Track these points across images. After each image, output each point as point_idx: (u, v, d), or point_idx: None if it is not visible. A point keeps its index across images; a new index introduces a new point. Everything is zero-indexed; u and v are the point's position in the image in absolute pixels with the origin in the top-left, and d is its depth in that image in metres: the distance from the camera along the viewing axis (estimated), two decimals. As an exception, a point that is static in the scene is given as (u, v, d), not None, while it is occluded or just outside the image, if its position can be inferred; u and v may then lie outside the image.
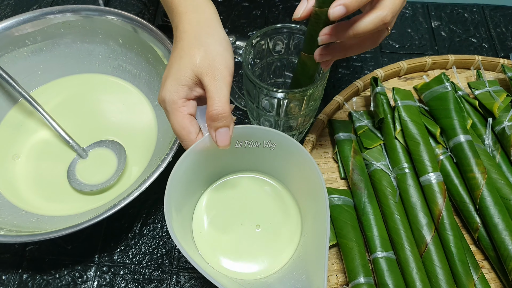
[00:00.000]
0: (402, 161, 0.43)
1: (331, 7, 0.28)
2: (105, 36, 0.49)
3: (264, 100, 0.39)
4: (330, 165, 0.46)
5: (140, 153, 0.46)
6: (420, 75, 0.52)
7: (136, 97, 0.50)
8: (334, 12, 0.28)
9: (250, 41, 0.40)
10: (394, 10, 0.29)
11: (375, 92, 0.46)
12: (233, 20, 0.59)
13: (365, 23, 0.29)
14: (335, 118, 0.49)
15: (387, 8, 0.29)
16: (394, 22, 0.32)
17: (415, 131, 0.43)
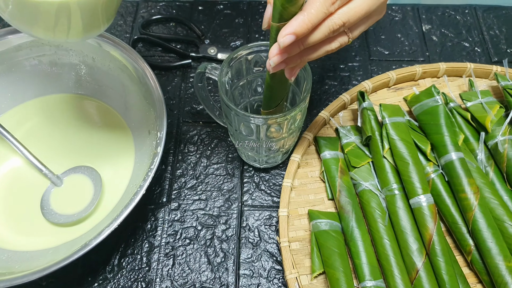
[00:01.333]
0: (391, 182, 0.41)
1: (279, 36, 0.28)
2: (77, 54, 0.47)
3: (243, 125, 0.38)
4: (317, 185, 0.45)
5: (117, 179, 0.45)
6: (411, 84, 0.51)
7: (113, 118, 0.48)
8: (284, 41, 0.27)
9: (227, 61, 0.38)
10: (347, 16, 0.28)
11: (362, 108, 0.44)
12: (214, 29, 0.57)
13: (314, 36, 0.28)
14: (321, 134, 0.47)
15: (337, 15, 0.28)
16: (358, 30, 0.31)
17: (404, 150, 0.41)
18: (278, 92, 0.36)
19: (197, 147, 0.48)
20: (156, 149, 0.38)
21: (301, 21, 0.27)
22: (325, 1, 0.27)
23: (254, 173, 0.46)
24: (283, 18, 0.28)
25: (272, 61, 0.30)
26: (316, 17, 0.27)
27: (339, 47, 0.31)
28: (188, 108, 0.51)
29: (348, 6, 0.29)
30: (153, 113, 0.43)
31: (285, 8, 0.27)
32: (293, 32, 0.27)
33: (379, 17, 0.32)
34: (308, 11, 0.27)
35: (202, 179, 0.46)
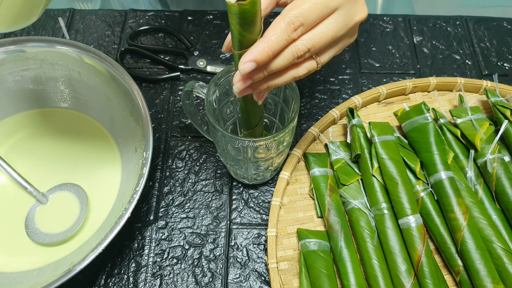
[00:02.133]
0: (380, 201, 0.41)
1: (240, 63, 0.27)
2: (63, 69, 0.47)
3: (230, 146, 0.37)
4: (306, 202, 0.44)
5: (103, 197, 0.44)
6: (401, 99, 0.50)
7: (99, 134, 0.48)
8: (244, 69, 0.27)
9: (214, 81, 0.38)
10: (311, 42, 0.28)
11: (352, 125, 0.44)
12: (203, 40, 0.56)
13: (277, 62, 0.28)
14: (310, 150, 0.47)
15: (301, 41, 0.27)
16: (326, 55, 0.30)
17: (393, 170, 0.41)
18: (253, 113, 0.36)
19: (185, 162, 0.48)
20: (141, 170, 0.38)
21: (261, 49, 0.26)
22: (286, 28, 0.27)
23: (243, 189, 0.46)
24: (243, 45, 0.28)
25: (236, 87, 0.29)
26: (277, 45, 0.27)
27: (308, 73, 0.30)
28: (177, 122, 0.50)
29: (312, 32, 0.28)
30: (140, 130, 0.42)
31: (243, 35, 0.27)
32: (253, 60, 0.26)
33: (350, 40, 0.31)
34: (268, 38, 0.27)
35: (190, 196, 0.45)
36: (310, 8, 0.27)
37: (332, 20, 0.28)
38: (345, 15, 0.28)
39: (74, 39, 0.57)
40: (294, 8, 0.27)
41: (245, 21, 0.26)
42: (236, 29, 0.27)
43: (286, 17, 0.27)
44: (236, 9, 0.25)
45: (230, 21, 0.26)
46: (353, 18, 0.29)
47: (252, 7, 0.25)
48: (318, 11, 0.27)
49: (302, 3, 0.27)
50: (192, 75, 0.54)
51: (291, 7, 0.27)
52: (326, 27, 0.28)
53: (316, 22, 0.28)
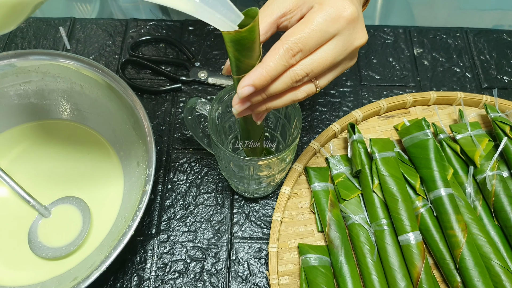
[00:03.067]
0: (380, 217, 0.42)
1: (238, 87, 0.27)
2: (65, 81, 0.47)
3: (232, 163, 0.38)
4: (307, 217, 0.45)
5: (105, 210, 0.44)
6: (401, 112, 0.51)
7: (101, 146, 0.48)
8: (243, 93, 0.27)
9: (217, 99, 0.38)
10: (310, 67, 0.28)
11: (352, 140, 0.45)
12: (205, 51, 0.57)
13: (275, 86, 0.28)
14: (311, 163, 0.47)
15: (299, 66, 0.28)
16: (325, 79, 0.30)
17: (393, 187, 0.41)
18: (253, 131, 0.36)
19: (186, 175, 0.48)
20: (145, 187, 0.38)
21: (259, 74, 0.27)
22: (285, 54, 0.27)
23: (244, 203, 0.46)
24: (242, 71, 0.28)
25: (235, 109, 0.30)
26: (275, 70, 0.27)
27: (307, 96, 0.31)
28: (178, 134, 0.51)
29: (311, 58, 0.28)
30: (142, 145, 0.42)
31: (241, 61, 0.27)
32: (251, 84, 0.27)
33: (349, 64, 0.32)
34: (267, 64, 0.27)
35: (192, 210, 0.46)
36: (309, 34, 0.27)
37: (331, 45, 0.29)
38: (344, 40, 0.29)
39: (75, 48, 0.57)
40: (294, 34, 0.27)
41: (243, 48, 0.26)
42: (234, 56, 0.27)
43: (285, 43, 0.27)
44: (233, 37, 0.25)
45: (227, 48, 0.27)
46: (353, 44, 0.29)
47: (250, 34, 0.25)
48: (317, 37, 0.28)
49: (302, 29, 0.27)
50: (194, 87, 0.54)
51: (291, 33, 0.28)
52: (325, 52, 0.28)
53: (315, 48, 0.28)
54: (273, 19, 0.30)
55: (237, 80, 0.29)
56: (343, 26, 0.28)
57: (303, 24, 0.27)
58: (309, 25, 0.27)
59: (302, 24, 0.27)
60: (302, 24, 0.27)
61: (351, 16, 0.27)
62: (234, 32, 0.25)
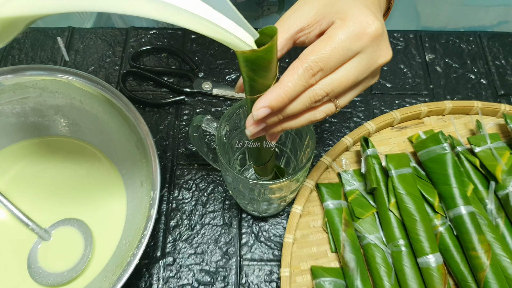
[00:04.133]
0: (398, 237, 0.40)
1: (254, 108, 0.26)
2: (64, 97, 0.45)
3: (242, 185, 0.36)
4: (319, 236, 0.43)
5: (107, 232, 0.42)
6: (415, 123, 0.49)
7: (103, 164, 0.46)
8: (258, 115, 0.25)
9: (225, 117, 0.36)
10: (330, 86, 0.26)
11: (366, 155, 0.43)
12: (208, 61, 0.55)
13: (293, 106, 0.26)
14: (323, 179, 0.45)
15: (319, 86, 0.26)
16: (346, 98, 0.28)
17: (411, 206, 0.39)
18: (264, 151, 0.34)
19: (192, 193, 0.46)
20: (149, 211, 0.36)
21: (276, 95, 0.25)
22: (304, 74, 0.25)
23: (253, 222, 0.44)
24: (256, 91, 0.26)
25: (249, 131, 0.28)
26: (294, 91, 0.25)
27: (325, 116, 0.29)
28: (182, 149, 0.49)
29: (332, 77, 0.26)
30: (146, 164, 0.40)
31: (255, 81, 0.25)
32: (268, 106, 0.25)
33: (372, 82, 0.30)
34: (285, 84, 0.25)
35: (198, 230, 0.44)
36: (330, 52, 0.25)
37: (353, 64, 0.27)
38: (367, 58, 0.27)
39: (74, 60, 0.55)
40: (314, 52, 0.25)
41: (259, 68, 0.24)
42: (248, 76, 0.25)
43: (304, 62, 0.25)
44: (248, 56, 0.23)
45: (241, 67, 0.25)
46: (376, 61, 0.27)
47: (267, 54, 0.23)
48: (339, 56, 0.26)
49: (322, 46, 0.25)
50: (198, 98, 0.52)
51: (311, 50, 0.26)
52: (347, 71, 0.26)
53: (336, 66, 0.26)
54: (289, 35, 0.28)
55: (251, 100, 0.27)
56: (366, 43, 0.26)
57: (324, 41, 0.25)
58: (331, 42, 0.25)
59: (322, 41, 0.25)
60: (323, 41, 0.25)
61: (376, 32, 0.25)
62: (250, 52, 0.23)
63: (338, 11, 0.26)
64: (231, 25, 0.23)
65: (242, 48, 0.23)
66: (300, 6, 0.28)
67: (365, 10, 0.26)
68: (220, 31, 0.22)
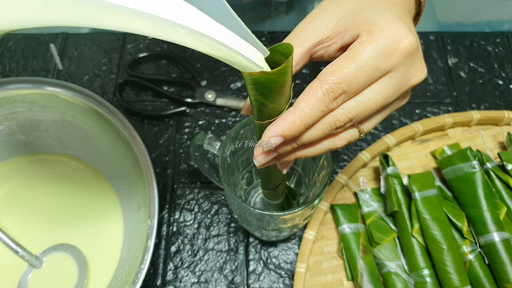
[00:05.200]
0: (422, 266, 0.36)
1: (263, 137, 0.22)
2: (54, 111, 0.42)
3: (249, 214, 0.32)
4: (334, 263, 0.40)
5: (103, 260, 0.40)
6: (438, 135, 0.45)
7: (98, 183, 0.43)
8: (269, 144, 0.22)
9: (229, 138, 0.33)
10: (354, 111, 0.22)
11: (386, 174, 0.39)
12: (211, 67, 0.51)
13: (310, 134, 0.23)
14: (338, 198, 0.42)
15: (341, 110, 0.22)
16: (371, 123, 0.25)
17: (437, 232, 0.36)
18: (275, 176, 0.31)
19: (194, 215, 0.43)
20: (147, 242, 0.33)
21: (291, 122, 0.21)
22: (324, 97, 0.21)
23: (261, 247, 0.41)
24: (265, 116, 0.22)
25: (257, 162, 0.24)
26: (311, 117, 0.22)
27: (347, 143, 0.25)
28: (184, 165, 0.45)
29: (356, 100, 0.22)
30: (142, 186, 0.37)
31: (265, 106, 0.21)
32: (280, 135, 0.22)
33: (401, 103, 0.26)
34: (301, 110, 0.21)
35: (201, 256, 0.41)
36: (356, 72, 0.21)
37: (382, 85, 0.23)
38: (399, 78, 0.23)
39: (68, 68, 0.52)
40: (336, 71, 0.21)
41: (269, 92, 0.20)
42: (257, 100, 0.21)
43: (324, 83, 0.21)
44: (257, 78, 0.19)
45: (248, 90, 0.21)
46: (409, 81, 0.23)
47: (280, 77, 0.20)
48: (366, 76, 0.22)
49: (346, 65, 0.21)
50: (200, 109, 0.49)
51: (332, 69, 0.22)
52: (374, 93, 0.23)
53: (362, 88, 0.22)
54: (306, 48, 0.24)
55: (260, 126, 0.23)
56: (398, 61, 0.22)
57: (347, 58, 0.21)
58: (356, 60, 0.21)
59: (346, 58, 0.21)
60: (347, 58, 0.21)
61: (410, 48, 0.22)
62: (260, 74, 0.19)
63: (364, 22, 0.22)
64: (237, 41, 0.19)
65: (250, 69, 0.19)
66: (318, 15, 0.24)
67: (397, 22, 0.22)
68: (224, 49, 0.18)
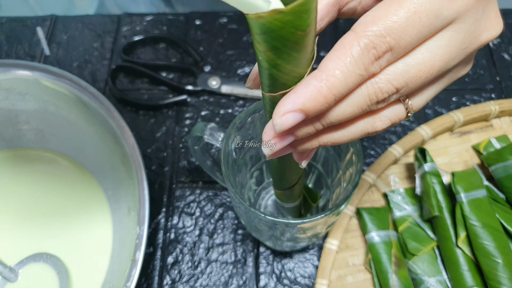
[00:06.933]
0: (469, 284, 0.30)
1: (275, 113, 0.16)
2: (35, 100, 0.37)
3: (259, 223, 0.27)
4: (361, 277, 0.34)
5: (88, 274, 0.34)
6: (481, 126, 0.39)
7: (84, 183, 0.38)
8: (284, 123, 0.16)
9: (234, 127, 0.27)
10: (403, 77, 0.16)
11: (423, 172, 0.33)
12: (216, 51, 0.46)
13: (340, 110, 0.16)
14: (364, 201, 0.36)
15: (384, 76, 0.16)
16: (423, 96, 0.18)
17: (489, 243, 0.30)
18: (290, 171, 0.24)
19: (195, 220, 0.37)
20: (134, 255, 0.28)
21: (314, 91, 0.15)
22: (362, 56, 0.15)
23: (274, 258, 0.35)
24: (279, 84, 0.16)
25: (267, 149, 0.18)
26: (344, 85, 0.15)
27: (391, 126, 0.19)
28: (184, 162, 0.40)
29: (405, 62, 0.16)
30: (132, 184, 0.32)
31: (278, 68, 0.15)
32: (300, 109, 0.16)
33: (462, 72, 0.19)
34: (330, 73, 0.15)
35: (203, 269, 0.35)
36: (407, 21, 0.15)
37: (442, 41, 0.16)
38: (465, 32, 0.16)
39: (56, 54, 0.47)
40: (378, 19, 0.15)
41: (285, 44, 0.14)
42: (268, 59, 0.15)
43: (363, 36, 0.15)
44: (267, 23, 0.13)
45: (255, 45, 0.15)
46: (478, 37, 0.17)
47: (301, 19, 0.14)
48: (421, 27, 0.16)
49: (393, 11, 0.15)
50: (203, 98, 0.43)
51: (373, 18, 0.16)
52: (430, 53, 0.16)
53: (414, 45, 0.16)
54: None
55: (271, 100, 0.17)
56: (467, 5, 0.16)
57: (394, 2, 0.15)
58: (407, 3, 0.15)
59: (392, 3, 0.15)
60: (393, 3, 0.15)
61: None
62: (270, 15, 0.13)
63: None
64: None
65: (258, 8, 0.13)
66: None
67: None
68: None
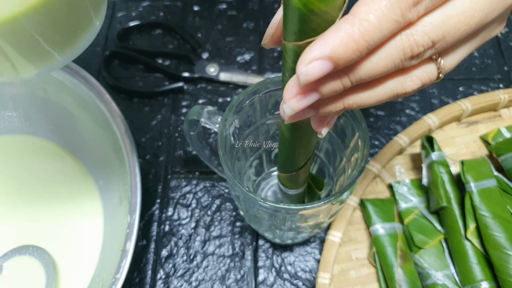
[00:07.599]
0: (479, 278, 0.29)
1: (301, 61, 0.14)
2: (22, 84, 0.35)
3: (257, 210, 0.25)
4: (365, 271, 0.32)
5: (77, 267, 0.33)
6: (489, 116, 0.38)
7: (74, 172, 0.36)
8: (310, 72, 0.14)
9: (232, 109, 0.26)
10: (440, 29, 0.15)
11: (430, 161, 0.32)
12: (215, 38, 0.44)
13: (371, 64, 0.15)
14: (369, 192, 0.35)
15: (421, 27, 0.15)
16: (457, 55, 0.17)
17: (500, 234, 0.28)
18: (300, 149, 0.23)
19: (191, 211, 0.36)
20: (125, 245, 0.26)
21: (346, 36, 0.14)
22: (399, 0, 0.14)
23: (273, 252, 0.34)
24: (308, 30, 0.14)
25: (289, 107, 0.16)
26: (378, 31, 0.14)
27: (420, 87, 0.17)
28: (180, 152, 0.38)
29: (444, 12, 0.15)
30: (123, 172, 0.31)
31: (310, 9, 0.13)
32: (329, 56, 0.14)
33: (496, 30, 0.18)
34: (363, 18, 0.14)
35: (199, 262, 0.34)
36: None
37: None
38: None
39: (46, 39, 0.45)
40: None
41: None
42: None
43: None
44: None
45: None
46: None
47: None
48: None
49: None
50: (200, 86, 0.42)
51: None
52: (471, 2, 0.15)
53: None
54: None
55: (295, 50, 0.15)
56: None
57: None
58: None
59: None
60: None
61: None
62: None
63: None
64: None
65: None
66: None
67: None
68: None
